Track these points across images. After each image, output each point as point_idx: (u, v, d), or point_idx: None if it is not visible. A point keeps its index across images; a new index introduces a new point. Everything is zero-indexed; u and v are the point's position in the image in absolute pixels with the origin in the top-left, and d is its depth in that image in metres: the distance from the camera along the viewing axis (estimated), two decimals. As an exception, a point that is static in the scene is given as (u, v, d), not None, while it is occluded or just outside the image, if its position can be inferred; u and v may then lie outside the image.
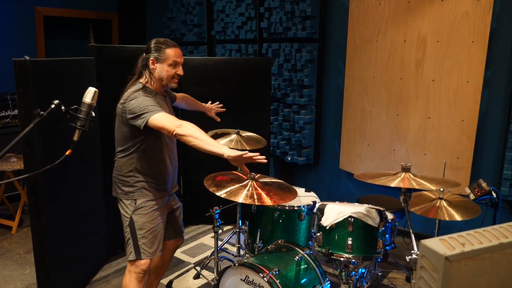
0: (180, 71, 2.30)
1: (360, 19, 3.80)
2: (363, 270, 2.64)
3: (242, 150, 2.38)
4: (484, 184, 2.62)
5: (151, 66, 2.25)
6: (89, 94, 1.65)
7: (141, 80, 2.27)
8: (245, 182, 2.33)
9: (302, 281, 2.34)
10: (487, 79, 3.23)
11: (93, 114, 1.67)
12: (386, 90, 3.70)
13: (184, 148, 2.51)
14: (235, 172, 2.55)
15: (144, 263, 2.30)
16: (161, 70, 2.25)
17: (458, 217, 2.49)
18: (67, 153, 1.57)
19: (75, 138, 1.63)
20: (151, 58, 2.24)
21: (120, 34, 5.89)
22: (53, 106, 1.57)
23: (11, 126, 4.38)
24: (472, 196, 2.65)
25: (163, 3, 5.40)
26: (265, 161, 2.02)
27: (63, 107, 1.59)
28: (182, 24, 5.11)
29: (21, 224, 4.07)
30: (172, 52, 2.26)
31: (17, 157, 3.91)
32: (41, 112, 1.56)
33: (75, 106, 1.63)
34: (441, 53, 3.32)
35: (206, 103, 3.01)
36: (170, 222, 2.52)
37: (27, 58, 2.31)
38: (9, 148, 1.48)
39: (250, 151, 3.16)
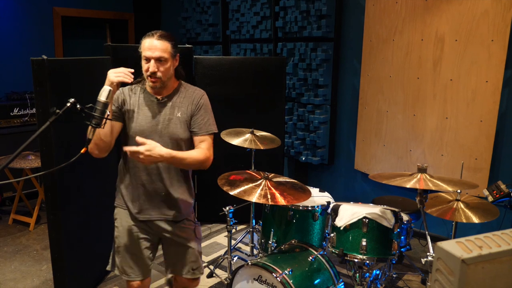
0: (151, 67, 1.90)
1: (376, 18, 3.76)
2: (378, 272, 2.61)
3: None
4: (503, 186, 2.57)
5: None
6: (104, 93, 1.66)
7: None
8: (259, 182, 2.32)
9: (316, 281, 2.32)
10: (507, 78, 3.15)
11: (108, 113, 1.68)
12: (403, 89, 3.65)
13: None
14: (249, 171, 2.54)
15: (130, 285, 2.13)
16: (142, 66, 1.98)
17: (475, 220, 2.44)
18: (82, 151, 1.59)
19: (90, 136, 1.64)
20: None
21: (136, 33, 5.96)
22: (68, 104, 1.59)
23: (29, 125, 4.47)
24: (490, 198, 2.59)
25: (178, 2, 5.43)
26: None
27: (78, 106, 1.61)
28: (197, 24, 5.14)
29: (39, 221, 4.14)
30: (144, 43, 1.93)
31: (35, 155, 3.98)
32: (57, 110, 1.57)
33: (90, 104, 1.65)
34: (459, 52, 3.26)
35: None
36: (166, 255, 2.22)
37: (45, 57, 2.35)
38: (26, 146, 1.50)
39: (265, 150, 3.19)
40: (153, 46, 1.90)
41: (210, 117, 2.10)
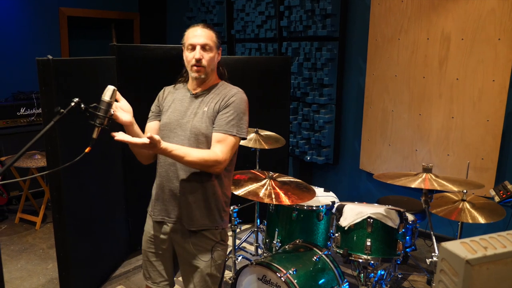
0: (196, 54, 1.84)
1: (381, 16, 3.74)
2: (382, 272, 2.60)
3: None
4: (510, 186, 2.55)
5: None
6: (108, 92, 1.66)
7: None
8: (263, 181, 2.32)
9: (320, 281, 2.31)
10: (514, 77, 3.13)
11: (112, 112, 1.68)
12: (408, 89, 3.63)
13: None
14: (253, 171, 2.54)
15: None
16: (185, 58, 1.91)
17: (481, 220, 2.42)
18: (86, 150, 1.59)
19: (94, 135, 1.64)
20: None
21: (142, 33, 5.98)
22: (72, 104, 1.59)
23: (36, 124, 4.50)
24: (497, 199, 2.57)
25: (183, 2, 5.44)
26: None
27: (82, 105, 1.61)
28: (202, 24, 5.14)
29: (45, 220, 4.16)
30: (188, 34, 1.89)
31: (41, 154, 4.00)
32: (61, 110, 1.58)
33: (94, 104, 1.65)
34: (465, 51, 3.23)
35: None
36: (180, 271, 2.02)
37: (50, 57, 2.36)
38: (31, 145, 1.51)
39: (269, 150, 3.19)
40: (198, 33, 1.86)
41: (238, 118, 1.86)
